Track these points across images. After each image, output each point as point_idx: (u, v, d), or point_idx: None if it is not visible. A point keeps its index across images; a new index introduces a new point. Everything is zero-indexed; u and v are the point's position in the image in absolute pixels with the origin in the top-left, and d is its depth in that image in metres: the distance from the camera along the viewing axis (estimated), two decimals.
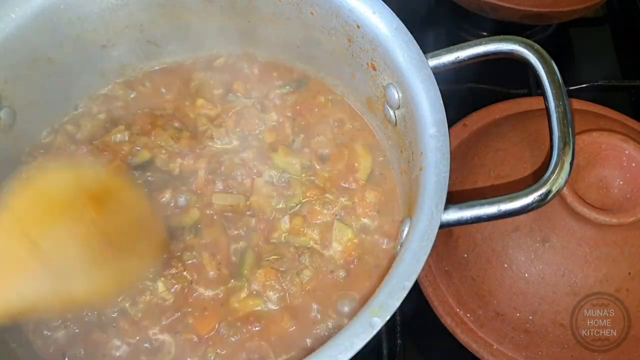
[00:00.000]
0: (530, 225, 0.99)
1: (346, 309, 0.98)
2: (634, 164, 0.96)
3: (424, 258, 0.77)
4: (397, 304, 0.75)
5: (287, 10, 1.07)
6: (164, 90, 1.20)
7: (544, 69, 0.85)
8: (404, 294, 0.75)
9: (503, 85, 1.41)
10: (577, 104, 1.22)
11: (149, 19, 1.13)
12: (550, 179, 0.80)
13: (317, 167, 1.10)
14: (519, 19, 1.39)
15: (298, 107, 1.16)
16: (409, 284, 0.76)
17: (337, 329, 0.96)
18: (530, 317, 1.00)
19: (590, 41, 1.59)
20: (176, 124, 1.14)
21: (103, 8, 1.07)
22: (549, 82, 0.84)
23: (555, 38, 1.54)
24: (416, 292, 1.08)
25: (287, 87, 1.19)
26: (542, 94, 0.85)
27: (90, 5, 1.06)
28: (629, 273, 0.97)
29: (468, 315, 1.06)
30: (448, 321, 1.06)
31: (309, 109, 1.16)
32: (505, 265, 1.01)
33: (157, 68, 1.22)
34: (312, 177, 1.09)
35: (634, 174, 0.96)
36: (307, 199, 1.07)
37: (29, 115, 1.06)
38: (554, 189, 0.79)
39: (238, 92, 1.18)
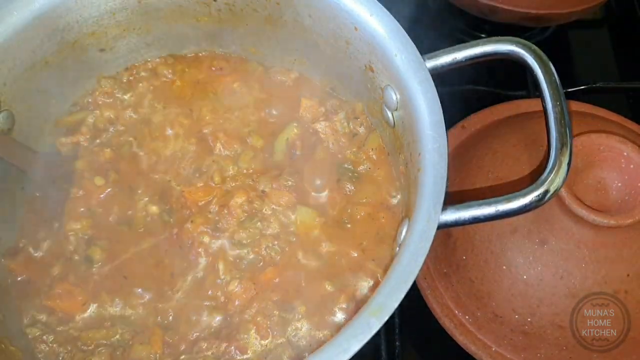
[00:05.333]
0: (529, 227, 0.99)
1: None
2: (632, 166, 0.96)
3: (422, 259, 0.77)
4: (395, 304, 0.75)
5: (285, 13, 1.07)
6: None
7: (541, 69, 0.86)
8: (402, 295, 0.75)
9: (501, 87, 1.41)
10: (575, 105, 1.22)
11: (147, 23, 1.13)
12: (548, 179, 0.80)
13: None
14: (517, 21, 1.39)
15: None
16: (407, 285, 0.76)
17: None
18: (529, 319, 1.00)
19: (589, 43, 1.59)
20: None
21: (102, 12, 1.07)
22: (546, 82, 0.85)
23: (553, 40, 1.54)
24: (414, 294, 1.07)
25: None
26: (540, 94, 0.86)
27: (89, 9, 1.06)
28: (628, 274, 0.97)
29: (466, 317, 1.06)
30: (446, 323, 1.06)
31: None
32: (504, 267, 1.01)
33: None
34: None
35: (632, 176, 0.96)
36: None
37: (28, 118, 1.06)
38: (552, 189, 0.80)
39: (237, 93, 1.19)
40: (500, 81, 1.40)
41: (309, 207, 1.05)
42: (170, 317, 0.98)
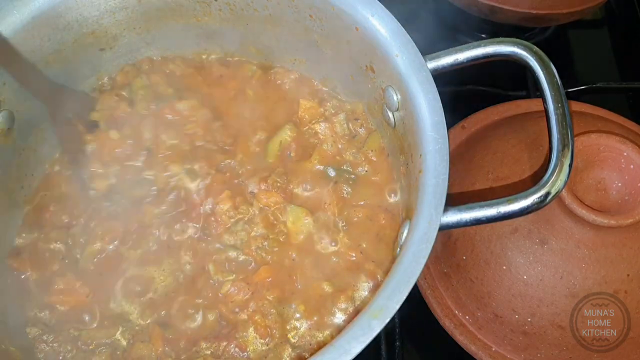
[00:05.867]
0: (529, 227, 0.99)
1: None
2: (632, 166, 0.96)
3: (423, 260, 0.77)
4: (397, 306, 0.75)
5: (286, 13, 1.07)
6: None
7: (542, 71, 0.85)
8: (403, 297, 0.75)
9: (502, 87, 1.41)
10: (576, 106, 1.22)
11: (147, 22, 1.13)
12: (549, 180, 0.80)
13: None
14: (517, 21, 1.39)
15: None
16: (409, 287, 0.76)
17: None
18: (529, 319, 1.00)
19: (589, 43, 1.59)
20: None
21: (102, 11, 1.07)
22: (547, 84, 0.84)
23: (553, 40, 1.54)
24: (415, 294, 1.07)
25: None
26: (541, 96, 0.85)
27: (89, 8, 1.05)
28: (628, 275, 0.97)
29: (467, 317, 1.06)
30: (447, 323, 1.06)
31: None
32: (504, 267, 1.01)
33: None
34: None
35: (632, 176, 0.96)
36: None
37: (28, 118, 1.05)
38: (553, 191, 0.79)
39: (233, 95, 1.18)
40: (500, 81, 1.40)
41: (300, 206, 1.05)
42: (164, 313, 0.99)
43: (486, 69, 1.21)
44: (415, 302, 1.06)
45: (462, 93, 1.39)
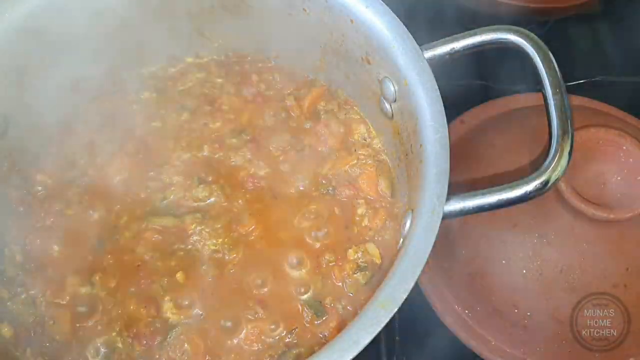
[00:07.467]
0: (528, 222, 0.99)
1: None
2: (631, 160, 0.96)
3: (428, 249, 0.77)
4: (404, 296, 0.75)
5: (279, 7, 1.07)
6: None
7: (540, 58, 0.85)
8: (409, 286, 0.75)
9: (501, 82, 1.40)
10: (575, 100, 1.23)
11: (137, 21, 1.11)
12: (550, 166, 0.79)
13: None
14: (516, 14, 1.38)
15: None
16: (415, 276, 0.76)
17: None
18: (529, 313, 1.00)
19: (588, 37, 1.58)
20: None
21: (90, 13, 1.05)
22: (545, 70, 0.84)
23: (552, 34, 1.53)
24: (414, 288, 1.06)
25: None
26: (539, 83, 0.85)
27: (75, 12, 1.03)
28: (627, 269, 0.97)
29: (466, 311, 1.06)
30: (446, 318, 1.06)
31: None
32: (504, 262, 1.01)
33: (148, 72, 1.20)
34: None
35: (632, 170, 0.96)
36: None
37: (23, 122, 1.04)
38: (554, 177, 0.79)
39: (231, 91, 1.18)
40: (499, 76, 1.39)
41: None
42: None
43: (485, 64, 1.21)
44: (415, 297, 1.06)
45: (461, 87, 1.38)
